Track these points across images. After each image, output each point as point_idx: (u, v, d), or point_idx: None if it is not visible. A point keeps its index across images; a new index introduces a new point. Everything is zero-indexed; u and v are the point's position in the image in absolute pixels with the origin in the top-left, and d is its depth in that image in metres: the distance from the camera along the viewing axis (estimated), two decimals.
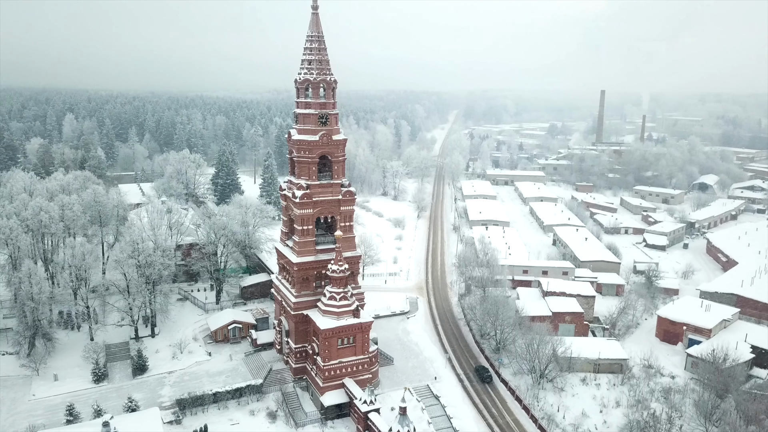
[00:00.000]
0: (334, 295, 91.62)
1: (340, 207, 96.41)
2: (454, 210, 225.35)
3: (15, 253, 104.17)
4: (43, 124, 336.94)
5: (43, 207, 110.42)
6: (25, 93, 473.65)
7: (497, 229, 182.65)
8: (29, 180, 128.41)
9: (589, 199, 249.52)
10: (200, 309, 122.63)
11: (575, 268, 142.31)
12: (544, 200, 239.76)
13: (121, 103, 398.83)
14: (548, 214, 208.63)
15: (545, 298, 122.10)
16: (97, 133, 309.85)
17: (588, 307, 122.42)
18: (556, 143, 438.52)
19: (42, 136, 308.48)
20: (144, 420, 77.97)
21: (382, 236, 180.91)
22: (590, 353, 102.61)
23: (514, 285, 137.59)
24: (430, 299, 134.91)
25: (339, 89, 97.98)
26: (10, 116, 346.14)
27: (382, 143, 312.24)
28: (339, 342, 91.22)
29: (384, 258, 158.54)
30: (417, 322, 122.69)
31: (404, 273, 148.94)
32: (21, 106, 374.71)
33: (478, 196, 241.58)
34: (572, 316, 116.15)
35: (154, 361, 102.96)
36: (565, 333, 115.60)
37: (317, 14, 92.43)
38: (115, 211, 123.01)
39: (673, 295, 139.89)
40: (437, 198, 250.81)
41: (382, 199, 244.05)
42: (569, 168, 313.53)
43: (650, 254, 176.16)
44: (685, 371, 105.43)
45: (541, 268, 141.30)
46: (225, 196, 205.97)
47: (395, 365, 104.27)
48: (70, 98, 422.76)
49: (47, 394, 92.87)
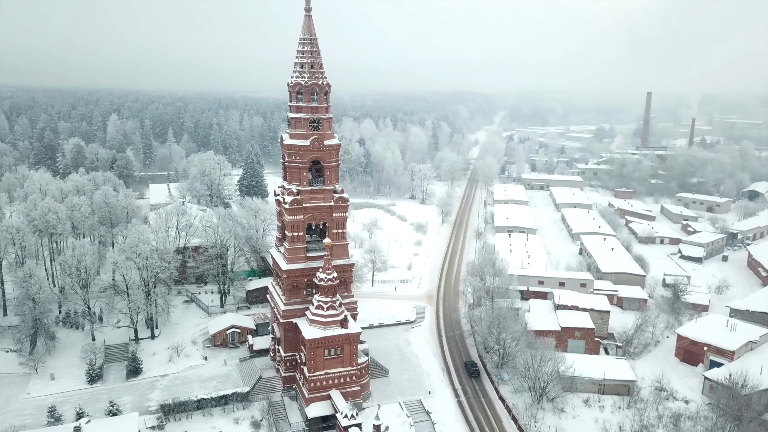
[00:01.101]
0: (321, 304, 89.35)
1: (332, 214, 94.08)
2: (482, 215, 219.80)
3: (20, 253, 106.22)
4: (90, 124, 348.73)
5: (52, 207, 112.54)
6: (77, 93, 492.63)
7: (521, 236, 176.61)
8: (45, 180, 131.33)
9: (627, 206, 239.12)
10: (204, 312, 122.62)
11: (594, 280, 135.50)
12: (577, 206, 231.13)
13: (164, 104, 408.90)
14: (578, 222, 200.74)
15: (556, 312, 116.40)
16: (138, 134, 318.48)
17: (602, 322, 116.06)
18: (601, 147, 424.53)
19: (87, 136, 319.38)
20: (120, 425, 77.69)
21: (400, 241, 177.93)
22: (595, 372, 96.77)
23: (528, 296, 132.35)
24: (438, 309, 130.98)
25: (380, 91, 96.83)
26: (60, 116, 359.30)
27: (415, 145, 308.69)
28: (326, 352, 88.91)
29: (398, 264, 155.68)
30: (421, 333, 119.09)
31: (416, 280, 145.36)
32: (71, 106, 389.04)
33: (508, 201, 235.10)
34: (582, 331, 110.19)
35: (149, 364, 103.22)
36: (574, 350, 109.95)
37: (310, 16, 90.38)
38: (124, 213, 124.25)
39: (702, 312, 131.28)
40: (466, 202, 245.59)
41: (410, 202, 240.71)
42: (610, 173, 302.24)
43: (684, 266, 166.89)
44: (702, 396, 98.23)
45: (557, 279, 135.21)
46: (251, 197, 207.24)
47: (390, 377, 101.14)
48: (118, 99, 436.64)
49: (41, 394, 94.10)
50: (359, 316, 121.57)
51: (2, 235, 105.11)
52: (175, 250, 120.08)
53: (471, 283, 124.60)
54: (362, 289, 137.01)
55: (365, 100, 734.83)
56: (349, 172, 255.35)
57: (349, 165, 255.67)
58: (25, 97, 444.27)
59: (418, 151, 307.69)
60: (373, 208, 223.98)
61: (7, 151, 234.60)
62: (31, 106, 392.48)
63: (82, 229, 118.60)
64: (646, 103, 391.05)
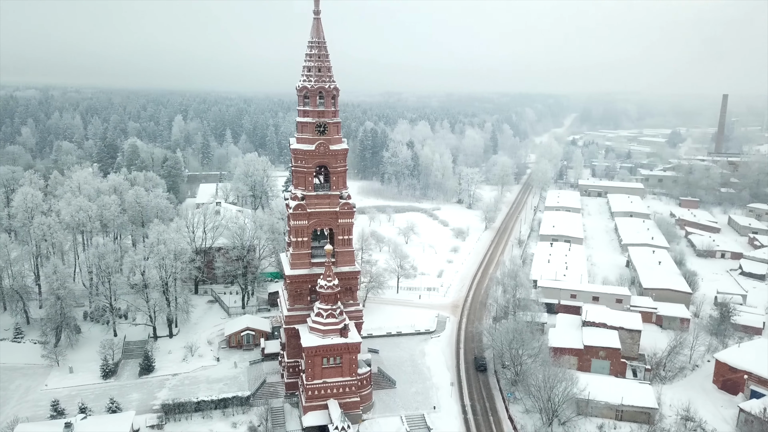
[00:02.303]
0: (321, 311, 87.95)
1: (337, 219, 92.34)
2: (528, 222, 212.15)
3: (51, 249, 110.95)
4: (157, 124, 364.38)
5: (83, 206, 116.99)
6: (151, 95, 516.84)
7: (563, 246, 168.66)
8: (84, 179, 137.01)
9: (690, 216, 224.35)
10: (225, 312, 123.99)
11: (631, 296, 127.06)
12: (633, 216, 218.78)
13: (227, 105, 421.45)
14: (630, 232, 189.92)
15: (583, 329, 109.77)
16: (200, 134, 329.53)
17: (632, 342, 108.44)
18: (673, 152, 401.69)
19: (153, 135, 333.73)
20: (114, 423, 79.10)
21: (435, 247, 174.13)
22: (612, 397, 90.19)
23: (559, 310, 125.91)
24: (461, 320, 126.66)
25: (447, 92, 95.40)
26: (130, 117, 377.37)
27: (469, 148, 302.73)
28: (324, 361, 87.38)
29: (428, 271, 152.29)
30: (438, 344, 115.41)
31: (444, 289, 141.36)
32: (141, 107, 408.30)
33: (560, 208, 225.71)
34: (607, 351, 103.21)
35: (163, 362, 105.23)
36: (598, 370, 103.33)
37: (319, 19, 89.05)
38: (154, 212, 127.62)
39: (755, 335, 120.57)
40: (516, 208, 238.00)
41: (456, 207, 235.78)
42: (676, 180, 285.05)
43: (744, 284, 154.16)
44: (735, 430, 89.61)
45: (590, 293, 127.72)
46: None
47: (397, 389, 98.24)
48: (186, 100, 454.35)
49: (58, 386, 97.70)
50: (376, 324, 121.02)
51: (35, 232, 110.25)
52: (194, 250, 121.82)
53: (491, 295, 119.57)
54: (386, 295, 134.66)
55: (430, 101, 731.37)
56: (396, 175, 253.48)
57: (396, 168, 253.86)
58: (103, 98, 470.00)
59: (471, 155, 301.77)
60: (415, 212, 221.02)
61: (72, 149, 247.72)
62: (106, 106, 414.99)
63: (112, 228, 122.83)
64: (721, 106, 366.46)
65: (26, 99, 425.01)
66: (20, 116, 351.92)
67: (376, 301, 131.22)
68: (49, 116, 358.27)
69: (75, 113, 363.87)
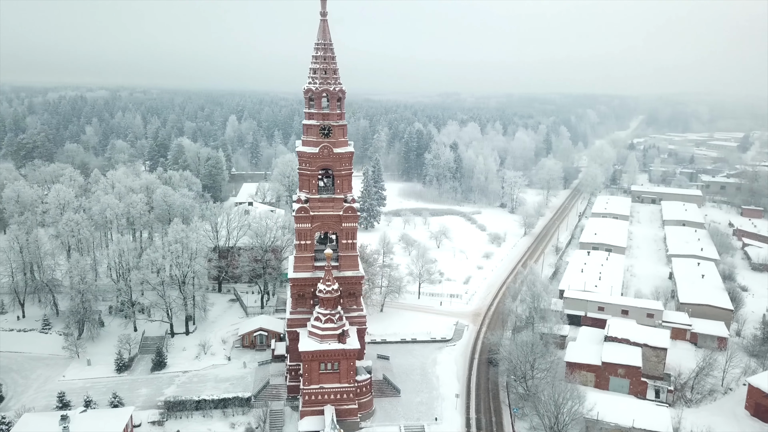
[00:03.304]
0: (320, 316, 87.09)
1: (341, 223, 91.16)
2: (571, 229, 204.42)
3: (78, 245, 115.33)
4: (212, 124, 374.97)
5: (110, 204, 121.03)
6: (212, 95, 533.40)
7: (601, 255, 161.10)
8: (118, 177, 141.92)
9: (750, 226, 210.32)
10: (244, 312, 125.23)
11: (663, 311, 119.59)
12: (686, 224, 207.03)
13: (281, 106, 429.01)
14: (678, 242, 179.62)
15: (604, 343, 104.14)
16: (252, 134, 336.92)
17: (657, 360, 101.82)
18: (745, 157, 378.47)
19: (208, 135, 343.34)
20: (111, 418, 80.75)
21: (467, 252, 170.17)
22: (623, 418, 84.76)
23: (586, 322, 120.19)
24: (481, 329, 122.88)
25: (507, 93, 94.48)
26: (188, 116, 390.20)
27: (517, 151, 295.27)
28: (322, 366, 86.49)
29: (455, 277, 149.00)
30: (452, 353, 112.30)
31: (468, 296, 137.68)
32: (199, 107, 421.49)
33: (607, 214, 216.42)
34: (627, 369, 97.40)
35: (176, 359, 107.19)
36: (617, 389, 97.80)
37: (326, 21, 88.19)
38: (179, 211, 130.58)
39: None
40: (560, 214, 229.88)
41: (498, 211, 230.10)
42: (740, 188, 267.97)
43: None
44: None
45: (619, 306, 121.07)
46: None
47: (401, 398, 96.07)
48: (242, 100, 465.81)
49: (74, 377, 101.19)
50: (392, 329, 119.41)
51: (63, 228, 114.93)
52: (217, 249, 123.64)
53: (508, 305, 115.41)
54: (406, 300, 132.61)
55: (488, 102, 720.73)
56: (437, 178, 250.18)
57: (438, 170, 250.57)
58: (165, 98, 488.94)
59: (520, 158, 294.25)
60: (454, 216, 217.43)
61: (125, 148, 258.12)
62: (167, 106, 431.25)
63: (137, 226, 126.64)
64: None
65: (94, 99, 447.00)
66: (86, 116, 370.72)
67: (395, 306, 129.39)
68: (113, 116, 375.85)
69: (136, 113, 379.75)
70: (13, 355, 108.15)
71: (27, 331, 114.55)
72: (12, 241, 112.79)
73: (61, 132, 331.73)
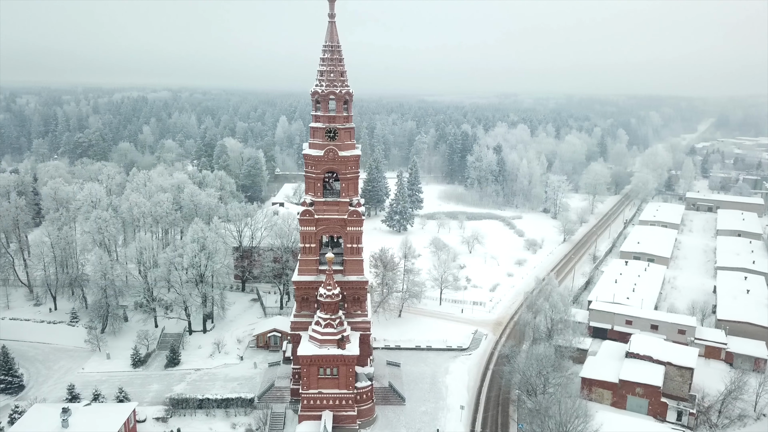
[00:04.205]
0: (319, 320, 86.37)
1: (346, 227, 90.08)
2: (613, 237, 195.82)
3: (104, 242, 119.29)
4: (263, 124, 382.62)
5: (138, 202, 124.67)
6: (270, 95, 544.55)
7: (639, 265, 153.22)
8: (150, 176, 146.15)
9: None
10: (263, 312, 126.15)
11: (696, 327, 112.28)
12: (742, 235, 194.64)
13: None
14: (728, 254, 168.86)
15: (625, 360, 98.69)
16: (300, 135, 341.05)
17: (681, 381, 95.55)
18: None
19: (259, 135, 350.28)
20: (112, 413, 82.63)
21: (498, 258, 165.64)
22: None
23: (613, 336, 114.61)
24: (500, 338, 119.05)
25: (567, 94, 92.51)
26: (240, 117, 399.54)
27: (566, 154, 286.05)
28: (321, 371, 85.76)
29: (482, 283, 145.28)
30: (466, 363, 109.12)
31: (492, 304, 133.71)
32: (253, 108, 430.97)
33: (655, 222, 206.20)
34: (645, 388, 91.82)
35: (190, 356, 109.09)
36: (635, 409, 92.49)
37: (334, 23, 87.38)
38: (205, 210, 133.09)
39: None
40: (606, 221, 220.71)
41: (540, 216, 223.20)
42: None
43: None
44: None
45: (649, 320, 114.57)
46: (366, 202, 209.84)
47: (405, 407, 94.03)
48: (295, 101, 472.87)
49: (93, 370, 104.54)
50: (408, 336, 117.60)
51: (92, 224, 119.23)
52: (240, 249, 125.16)
53: (523, 316, 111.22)
54: (427, 306, 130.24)
55: (547, 103, 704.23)
56: (479, 180, 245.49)
57: (480, 173, 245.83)
58: (222, 99, 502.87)
59: (569, 161, 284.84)
60: (493, 220, 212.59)
61: (174, 148, 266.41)
62: (223, 107, 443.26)
63: (163, 224, 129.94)
64: None
65: (155, 100, 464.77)
66: (145, 116, 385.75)
67: (414, 312, 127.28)
68: (170, 116, 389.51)
69: (192, 113, 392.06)
70: (41, 346, 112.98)
71: (56, 323, 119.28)
72: (44, 236, 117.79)
73: (120, 131, 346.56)
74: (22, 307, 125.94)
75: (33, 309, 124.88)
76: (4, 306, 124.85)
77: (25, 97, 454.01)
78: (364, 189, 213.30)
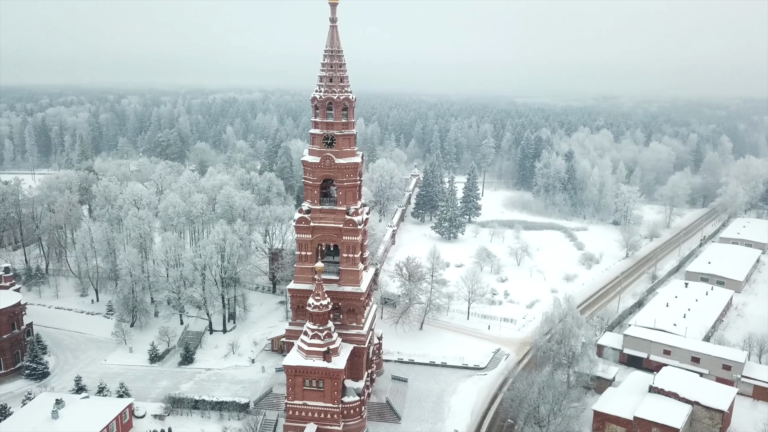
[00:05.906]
0: (307, 331, 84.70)
1: (342, 236, 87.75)
2: (682, 255, 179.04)
3: (139, 239, 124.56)
4: None
5: (173, 202, 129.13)
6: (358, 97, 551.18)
7: (701, 288, 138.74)
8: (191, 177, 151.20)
9: None
10: (286, 315, 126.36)
11: (744, 364, 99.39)
12: None
13: (407, 109, 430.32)
14: None
15: (647, 395, 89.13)
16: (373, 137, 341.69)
17: (711, 424, 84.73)
18: None
19: None
20: (106, 407, 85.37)
21: (546, 273, 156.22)
22: None
23: (649, 366, 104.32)
24: (523, 359, 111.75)
25: (672, 96, 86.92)
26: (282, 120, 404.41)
27: (648, 163, 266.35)
28: (306, 382, 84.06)
29: (521, 299, 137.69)
30: (478, 383, 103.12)
31: (523, 322, 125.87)
32: None
33: (738, 240, 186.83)
34: (663, 430, 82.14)
35: (205, 356, 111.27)
36: None
37: (335, 27, 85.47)
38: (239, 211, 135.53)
39: None
40: (682, 236, 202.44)
41: (609, 228, 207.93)
42: None
43: None
44: None
45: (689, 351, 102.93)
46: (420, 207, 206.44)
47: (400, 425, 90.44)
48: (377, 101, 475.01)
49: (113, 363, 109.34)
50: (424, 350, 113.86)
51: (128, 222, 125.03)
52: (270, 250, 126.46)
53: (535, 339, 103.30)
54: (454, 320, 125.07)
55: (649, 107, 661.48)
56: (546, 188, 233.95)
57: (548, 180, 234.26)
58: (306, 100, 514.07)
59: (651, 170, 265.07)
60: (554, 230, 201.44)
61: (244, 148, 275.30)
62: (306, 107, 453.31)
63: (197, 224, 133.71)
64: None
65: (243, 101, 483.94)
66: (231, 116, 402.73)
67: (437, 325, 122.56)
68: (255, 116, 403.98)
69: (274, 114, 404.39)
70: (76, 335, 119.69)
71: (94, 314, 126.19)
72: (87, 231, 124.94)
73: (206, 131, 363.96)
74: (69, 297, 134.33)
75: (78, 299, 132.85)
76: (53, 295, 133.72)
77: (129, 98, 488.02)
78: (419, 194, 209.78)
